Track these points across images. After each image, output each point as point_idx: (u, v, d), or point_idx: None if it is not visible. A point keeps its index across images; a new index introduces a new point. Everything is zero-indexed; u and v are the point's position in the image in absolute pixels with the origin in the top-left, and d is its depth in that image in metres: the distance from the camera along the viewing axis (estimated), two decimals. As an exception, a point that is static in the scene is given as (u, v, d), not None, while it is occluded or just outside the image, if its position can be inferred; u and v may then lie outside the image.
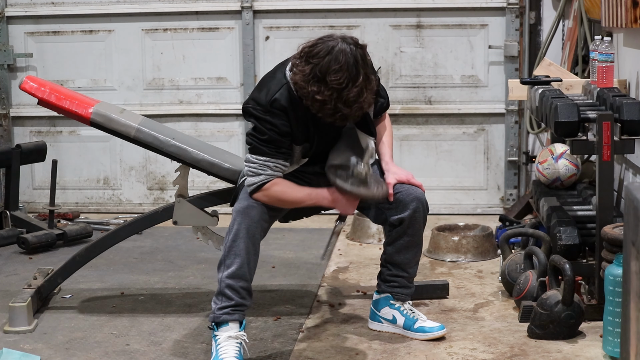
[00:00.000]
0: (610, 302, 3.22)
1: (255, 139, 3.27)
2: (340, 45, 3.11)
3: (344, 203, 3.36)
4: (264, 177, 3.27)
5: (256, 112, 3.25)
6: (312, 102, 3.14)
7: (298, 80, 3.14)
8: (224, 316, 3.27)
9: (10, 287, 4.27)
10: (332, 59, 3.08)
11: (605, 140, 3.52)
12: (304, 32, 5.70)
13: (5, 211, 5.24)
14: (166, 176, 5.92)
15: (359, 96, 3.12)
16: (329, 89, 3.09)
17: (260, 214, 3.28)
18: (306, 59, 3.13)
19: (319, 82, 3.09)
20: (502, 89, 5.63)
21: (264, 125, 3.24)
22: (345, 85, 3.08)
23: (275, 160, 3.28)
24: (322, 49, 3.10)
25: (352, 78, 3.10)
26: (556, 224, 3.87)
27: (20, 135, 5.99)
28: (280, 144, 3.27)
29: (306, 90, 3.12)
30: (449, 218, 5.57)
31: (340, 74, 3.08)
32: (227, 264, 3.27)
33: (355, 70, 3.10)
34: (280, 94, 3.23)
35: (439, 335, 3.53)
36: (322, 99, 3.10)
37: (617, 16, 4.10)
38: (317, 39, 3.17)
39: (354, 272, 4.51)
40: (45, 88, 3.79)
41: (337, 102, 3.10)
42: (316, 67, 3.09)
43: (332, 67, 3.08)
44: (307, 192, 3.35)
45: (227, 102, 5.86)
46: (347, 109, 3.13)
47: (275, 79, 3.28)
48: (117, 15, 5.83)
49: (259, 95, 3.27)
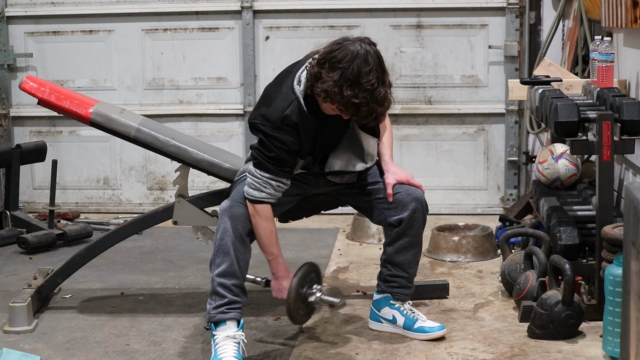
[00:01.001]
0: (610, 302, 3.22)
1: (261, 155, 3.27)
2: (363, 46, 3.15)
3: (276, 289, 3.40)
4: (265, 196, 3.28)
5: (265, 128, 3.24)
6: (347, 107, 3.16)
7: (329, 88, 3.14)
8: (219, 315, 3.27)
9: (10, 287, 4.27)
10: (361, 61, 3.12)
11: (605, 140, 3.52)
12: (304, 32, 5.70)
13: (5, 211, 5.24)
14: (166, 176, 5.92)
15: (387, 93, 3.19)
16: (363, 91, 3.12)
17: (246, 213, 3.29)
18: (331, 66, 3.14)
19: (352, 85, 3.12)
20: (502, 89, 5.63)
21: (272, 142, 3.24)
22: (376, 85, 3.14)
23: (279, 179, 3.28)
24: (347, 54, 3.13)
25: (380, 78, 3.16)
26: (556, 224, 3.87)
27: (20, 135, 5.99)
28: (286, 162, 3.27)
29: (340, 96, 3.13)
30: (449, 218, 5.57)
31: (371, 75, 3.12)
32: (217, 262, 3.28)
33: (381, 69, 3.17)
34: (291, 110, 3.23)
35: (439, 335, 3.53)
36: (359, 102, 3.13)
37: (617, 16, 4.10)
38: (333, 44, 3.19)
39: (354, 272, 4.51)
40: (45, 88, 3.79)
41: (371, 102, 3.15)
42: (347, 71, 3.11)
43: (364, 69, 3.11)
44: (273, 250, 3.35)
45: (227, 102, 5.86)
46: (380, 108, 3.19)
47: (282, 93, 3.27)
48: (117, 15, 5.83)
49: (267, 112, 3.25)
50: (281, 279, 3.38)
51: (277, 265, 3.39)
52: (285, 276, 3.38)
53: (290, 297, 3.33)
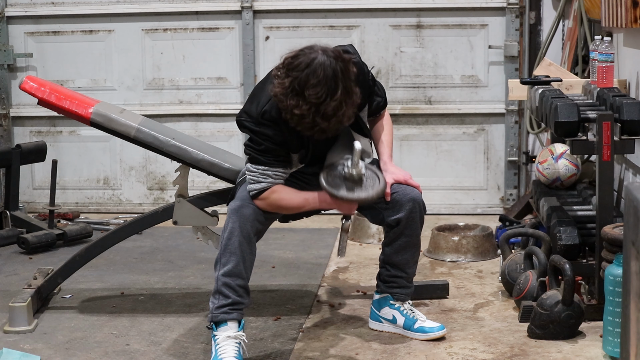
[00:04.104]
0: (610, 302, 3.22)
1: (252, 150, 3.30)
2: (320, 57, 3.08)
3: (341, 205, 3.35)
4: (265, 185, 3.29)
5: (249, 124, 3.27)
6: (291, 116, 3.12)
7: (277, 93, 3.12)
8: (222, 315, 3.27)
9: (10, 287, 4.27)
10: (310, 72, 3.06)
11: (605, 140, 3.52)
12: (304, 32, 5.70)
13: (5, 211, 5.24)
14: (166, 176, 5.92)
15: (337, 110, 3.09)
16: (307, 103, 3.07)
17: (254, 213, 3.29)
18: (286, 72, 3.12)
19: (297, 95, 3.07)
20: (502, 89, 5.63)
21: (258, 136, 3.26)
22: (323, 99, 3.05)
23: (275, 169, 3.29)
24: (302, 62, 3.08)
25: (331, 92, 3.06)
26: (556, 224, 3.87)
27: (20, 135, 5.99)
28: (277, 152, 3.28)
29: (284, 103, 3.11)
30: (449, 218, 5.57)
31: (318, 88, 3.05)
32: (223, 262, 3.28)
33: (334, 84, 3.07)
34: (270, 106, 3.22)
35: (439, 336, 3.53)
36: (300, 113, 3.09)
37: (617, 16, 4.10)
38: (299, 50, 3.15)
39: (354, 272, 4.51)
40: (45, 88, 3.79)
41: (315, 116, 3.08)
42: (295, 80, 3.07)
43: (311, 81, 3.05)
44: (305, 197, 3.34)
45: (227, 102, 5.86)
46: (325, 123, 3.11)
47: (265, 90, 3.27)
48: (117, 15, 5.84)
49: (250, 108, 3.28)
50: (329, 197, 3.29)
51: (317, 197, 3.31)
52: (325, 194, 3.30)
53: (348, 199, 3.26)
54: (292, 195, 3.33)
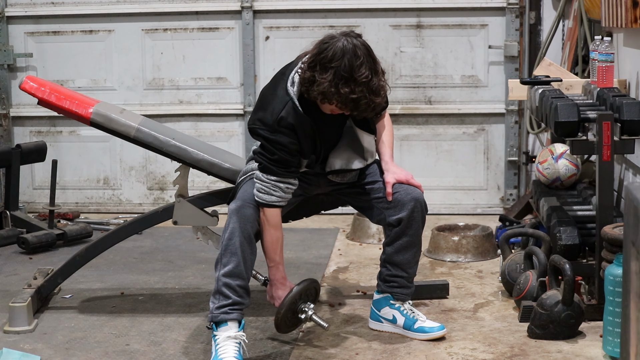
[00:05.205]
0: (610, 302, 3.22)
1: (264, 159, 3.29)
2: (350, 41, 3.17)
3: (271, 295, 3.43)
4: (275, 199, 3.30)
5: (264, 132, 3.27)
6: (346, 104, 3.18)
7: (325, 89, 3.15)
8: (222, 315, 3.27)
9: (10, 287, 4.27)
10: (351, 56, 3.14)
11: (605, 140, 3.52)
12: (304, 32, 5.70)
13: (5, 211, 5.24)
14: (166, 176, 5.92)
15: (381, 82, 3.22)
16: (359, 85, 3.14)
17: (255, 214, 3.30)
18: (322, 67, 3.15)
19: (347, 82, 3.14)
20: (502, 89, 5.63)
21: (273, 145, 3.26)
22: (370, 77, 3.16)
23: (286, 180, 3.31)
24: (335, 52, 3.14)
25: (373, 68, 3.18)
26: (556, 224, 3.87)
27: (20, 135, 5.99)
28: (290, 163, 3.29)
29: (338, 94, 3.15)
30: (449, 218, 5.57)
31: (363, 68, 3.14)
32: (224, 262, 3.28)
33: (372, 60, 3.19)
34: (286, 112, 3.24)
35: (439, 336, 3.53)
36: (357, 96, 3.16)
37: (617, 16, 4.10)
38: (320, 45, 3.20)
39: (354, 272, 4.51)
40: (45, 88, 3.79)
41: (369, 94, 3.17)
42: (339, 69, 3.13)
43: (355, 63, 3.13)
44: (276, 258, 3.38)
45: (227, 102, 5.86)
46: (378, 98, 3.21)
47: (277, 96, 3.28)
48: (117, 15, 5.84)
49: (264, 115, 3.28)
50: (277, 287, 3.41)
51: (276, 273, 3.41)
52: (282, 285, 3.40)
53: (282, 307, 3.35)
54: (274, 240, 3.36)
